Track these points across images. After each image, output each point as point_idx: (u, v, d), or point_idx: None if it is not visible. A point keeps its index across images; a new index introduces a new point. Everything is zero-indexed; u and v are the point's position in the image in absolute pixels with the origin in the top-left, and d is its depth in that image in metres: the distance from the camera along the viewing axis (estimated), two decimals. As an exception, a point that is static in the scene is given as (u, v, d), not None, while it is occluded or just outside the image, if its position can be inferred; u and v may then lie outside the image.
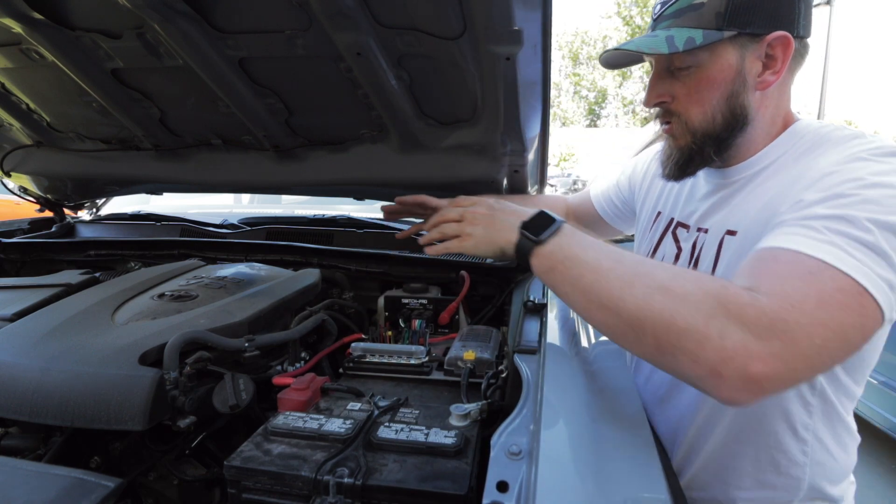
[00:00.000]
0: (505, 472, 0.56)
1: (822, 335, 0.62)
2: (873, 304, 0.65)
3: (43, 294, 1.19)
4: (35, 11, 1.08)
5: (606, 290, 0.70)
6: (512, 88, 1.08)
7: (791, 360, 0.62)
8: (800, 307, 0.63)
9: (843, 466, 0.90)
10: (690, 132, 0.89)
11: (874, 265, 0.65)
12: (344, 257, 1.51)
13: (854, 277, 0.64)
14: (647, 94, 0.92)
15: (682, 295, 0.66)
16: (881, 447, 3.13)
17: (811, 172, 0.77)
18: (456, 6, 0.95)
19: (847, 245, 0.67)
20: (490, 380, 0.90)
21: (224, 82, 1.23)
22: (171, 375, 0.82)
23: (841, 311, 0.64)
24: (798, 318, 0.62)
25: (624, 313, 0.68)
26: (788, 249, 0.69)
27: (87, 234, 1.97)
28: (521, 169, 1.36)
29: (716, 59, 0.84)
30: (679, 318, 0.64)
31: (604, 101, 35.33)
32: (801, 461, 0.86)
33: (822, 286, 0.65)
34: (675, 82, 0.88)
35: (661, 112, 0.93)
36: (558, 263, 0.75)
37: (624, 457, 0.63)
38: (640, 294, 0.67)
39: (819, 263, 0.66)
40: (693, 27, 0.82)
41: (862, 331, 0.65)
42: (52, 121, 1.54)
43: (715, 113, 0.86)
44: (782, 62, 0.83)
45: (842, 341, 0.64)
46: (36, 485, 0.68)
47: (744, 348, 0.61)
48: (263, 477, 0.69)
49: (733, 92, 0.85)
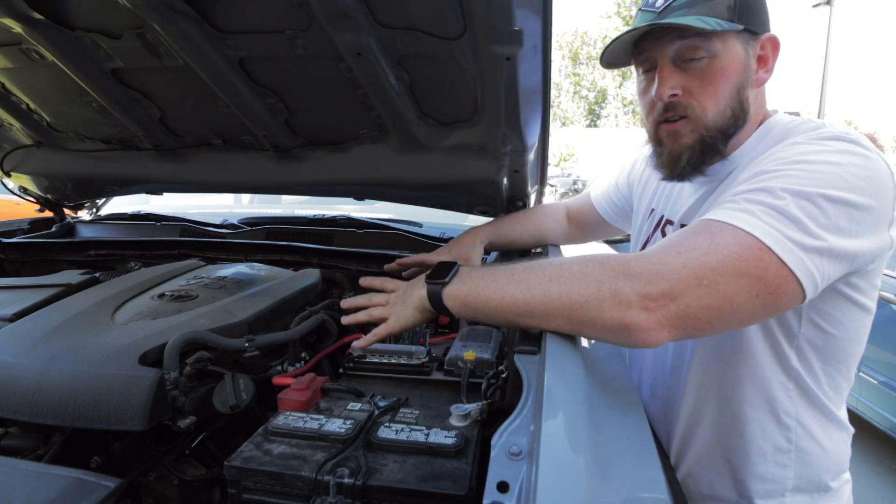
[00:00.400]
0: (505, 473, 0.56)
1: (709, 277, 0.67)
2: (777, 262, 0.67)
3: (43, 294, 1.19)
4: (35, 11, 1.08)
5: (512, 301, 0.77)
6: (512, 88, 1.08)
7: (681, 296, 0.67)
8: (686, 254, 0.69)
9: (833, 458, 0.90)
10: (704, 126, 0.88)
11: (784, 228, 0.68)
12: (344, 257, 1.51)
13: (755, 235, 0.67)
14: (660, 87, 0.89)
15: (570, 276, 0.73)
16: (881, 447, 3.13)
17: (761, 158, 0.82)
18: (456, 6, 0.95)
19: (757, 210, 0.70)
20: (490, 380, 0.90)
21: (224, 82, 1.23)
22: (171, 375, 0.82)
23: (735, 260, 0.67)
24: (683, 262, 0.68)
25: (535, 312, 0.75)
26: (699, 220, 0.74)
27: (87, 234, 1.97)
28: (521, 169, 1.36)
29: (728, 51, 0.85)
30: (575, 295, 0.72)
31: (604, 101, 35.35)
32: (785, 447, 0.88)
33: (717, 240, 0.69)
34: (686, 75, 0.87)
35: (664, 110, 0.90)
36: (466, 296, 0.82)
37: (624, 457, 0.62)
38: (538, 291, 0.75)
39: (722, 225, 0.70)
40: (710, 16, 0.82)
41: (763, 283, 0.67)
42: (52, 121, 1.54)
43: (726, 106, 0.87)
44: (773, 61, 0.88)
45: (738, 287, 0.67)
46: (36, 485, 0.68)
47: (636, 294, 0.68)
48: (263, 477, 0.69)
49: (741, 85, 0.87)
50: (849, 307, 0.83)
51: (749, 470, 0.89)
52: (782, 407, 0.87)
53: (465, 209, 1.63)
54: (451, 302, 0.83)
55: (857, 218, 0.70)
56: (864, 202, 0.70)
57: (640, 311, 0.68)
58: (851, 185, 0.70)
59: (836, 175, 0.71)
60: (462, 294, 0.83)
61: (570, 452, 0.58)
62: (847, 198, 0.70)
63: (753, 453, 0.89)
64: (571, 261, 0.76)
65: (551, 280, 0.74)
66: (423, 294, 0.86)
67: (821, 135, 0.78)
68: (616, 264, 0.71)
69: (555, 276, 0.74)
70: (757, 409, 0.88)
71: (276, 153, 1.50)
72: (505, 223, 1.40)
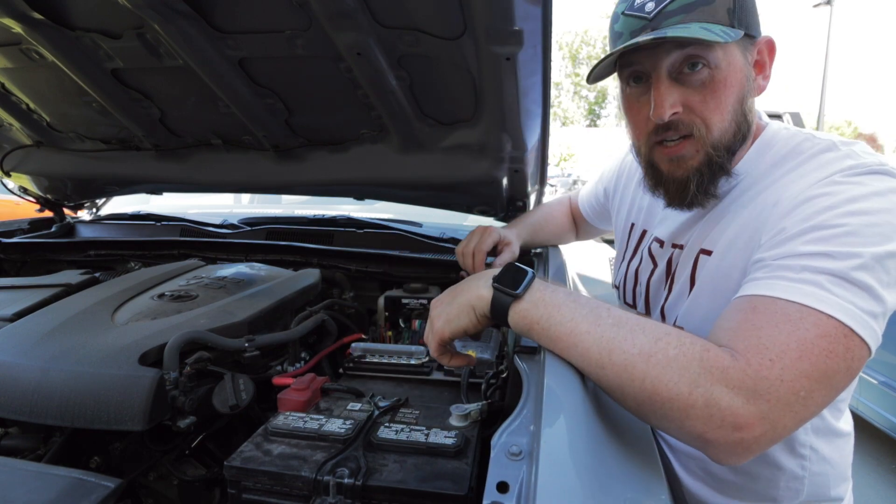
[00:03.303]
0: (505, 473, 0.56)
1: (806, 387, 0.61)
2: (859, 343, 0.63)
3: (43, 294, 1.19)
4: (35, 11, 1.08)
5: (585, 356, 0.67)
6: (512, 88, 1.08)
7: (778, 419, 0.60)
8: (780, 361, 0.61)
9: (841, 470, 0.90)
10: (711, 145, 0.80)
11: (857, 300, 0.63)
12: (344, 257, 1.51)
13: (838, 318, 0.62)
14: (659, 106, 0.78)
15: (663, 363, 0.62)
16: (881, 447, 3.13)
17: (787, 196, 0.74)
18: (456, 6, 0.95)
19: (828, 283, 0.64)
20: (490, 380, 0.90)
21: (224, 82, 1.23)
22: (171, 375, 0.82)
23: (826, 358, 0.62)
24: (780, 374, 0.60)
25: (604, 380, 0.66)
26: (766, 297, 0.66)
27: (87, 234, 1.97)
28: (521, 169, 1.36)
29: (729, 59, 0.77)
30: (662, 388, 0.62)
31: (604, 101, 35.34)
32: (799, 475, 0.86)
33: (802, 334, 0.62)
34: (685, 89, 0.78)
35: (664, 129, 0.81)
36: (534, 323, 0.70)
37: (624, 458, 0.62)
38: (619, 361, 0.64)
39: (799, 308, 0.63)
40: (710, 22, 0.74)
41: (848, 372, 0.63)
42: (52, 121, 1.54)
43: (731, 121, 0.80)
44: (770, 66, 0.81)
45: (828, 388, 0.62)
46: (36, 485, 0.68)
47: (731, 414, 0.60)
48: (263, 477, 0.69)
49: (744, 96, 0.80)
50: None
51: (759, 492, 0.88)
52: (798, 440, 0.85)
53: (465, 209, 1.63)
54: (517, 319, 0.71)
55: None
56: None
57: (731, 431, 0.60)
58: None
59: (893, 225, 0.67)
60: (531, 319, 0.71)
61: (570, 453, 0.58)
62: None
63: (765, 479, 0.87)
64: (669, 336, 0.65)
65: (640, 354, 0.63)
66: (487, 297, 0.73)
67: (856, 170, 0.72)
68: (715, 364, 0.61)
69: (645, 351, 0.64)
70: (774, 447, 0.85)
71: (276, 153, 1.50)
72: (536, 226, 1.38)
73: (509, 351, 0.90)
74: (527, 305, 0.71)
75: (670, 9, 0.75)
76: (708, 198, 0.84)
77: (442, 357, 0.80)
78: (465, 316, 0.75)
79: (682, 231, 0.91)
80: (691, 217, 0.89)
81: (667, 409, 0.62)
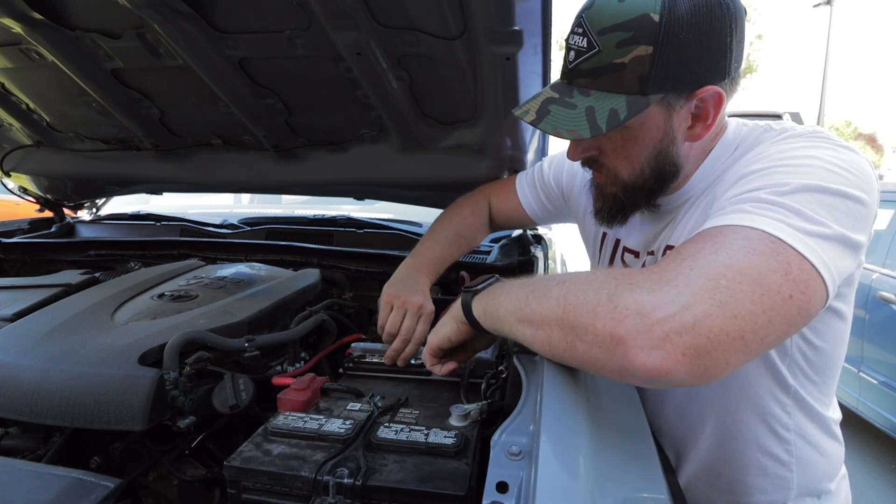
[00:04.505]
0: (505, 473, 0.56)
1: (727, 276, 0.55)
2: (795, 255, 0.57)
3: (43, 294, 1.19)
4: (35, 11, 1.08)
5: (516, 304, 0.71)
6: (512, 88, 1.08)
7: (694, 303, 0.54)
8: (692, 257, 0.59)
9: (832, 459, 0.90)
10: (620, 185, 0.84)
11: (787, 218, 0.60)
12: (344, 257, 1.51)
13: (763, 229, 0.59)
14: (571, 148, 0.84)
15: (575, 282, 0.65)
16: (881, 447, 3.13)
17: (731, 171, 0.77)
18: (456, 6, 0.95)
19: (752, 207, 0.62)
20: (490, 380, 0.90)
21: (224, 82, 1.23)
22: (170, 375, 0.82)
23: (748, 255, 0.57)
24: (690, 264, 0.58)
25: (533, 315, 0.68)
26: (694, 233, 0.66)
27: (87, 234, 1.97)
28: (520, 169, 1.36)
29: (641, 122, 0.77)
30: (571, 297, 0.63)
31: (604, 101, 35.30)
32: (786, 460, 0.86)
33: (721, 239, 0.60)
34: (602, 137, 0.79)
35: (589, 160, 0.86)
36: (486, 305, 0.77)
37: (624, 457, 0.62)
38: (540, 292, 0.68)
39: (720, 228, 0.62)
40: (614, 93, 0.74)
41: (788, 280, 0.56)
42: (52, 121, 1.54)
43: (643, 167, 0.81)
44: (714, 115, 0.77)
45: (761, 287, 0.55)
46: (36, 485, 0.68)
47: (635, 301, 0.56)
48: (263, 477, 0.69)
49: (661, 149, 0.80)
50: (832, 318, 0.81)
51: (750, 482, 0.88)
52: (780, 422, 0.85)
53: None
54: (476, 312, 0.79)
55: (855, 210, 0.64)
56: (858, 194, 0.64)
57: (638, 319, 0.55)
58: (842, 179, 0.64)
59: (824, 168, 0.65)
60: (483, 302, 0.78)
61: (570, 452, 0.58)
62: (843, 190, 0.63)
63: (753, 467, 0.87)
64: (585, 271, 0.70)
65: (557, 283, 0.67)
66: (458, 305, 0.83)
67: (792, 134, 0.74)
68: (620, 273, 0.63)
69: (562, 280, 0.68)
70: (753, 427, 0.86)
71: (276, 153, 1.51)
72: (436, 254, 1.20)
73: (509, 351, 0.90)
74: (482, 296, 0.79)
75: (582, 67, 0.75)
76: (613, 223, 0.90)
77: (434, 367, 0.88)
78: (446, 325, 0.85)
79: (653, 238, 0.92)
80: (660, 224, 0.91)
81: (579, 316, 0.61)
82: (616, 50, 0.71)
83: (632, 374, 0.58)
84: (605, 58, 0.72)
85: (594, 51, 0.73)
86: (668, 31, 0.69)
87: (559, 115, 0.77)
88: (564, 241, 2.46)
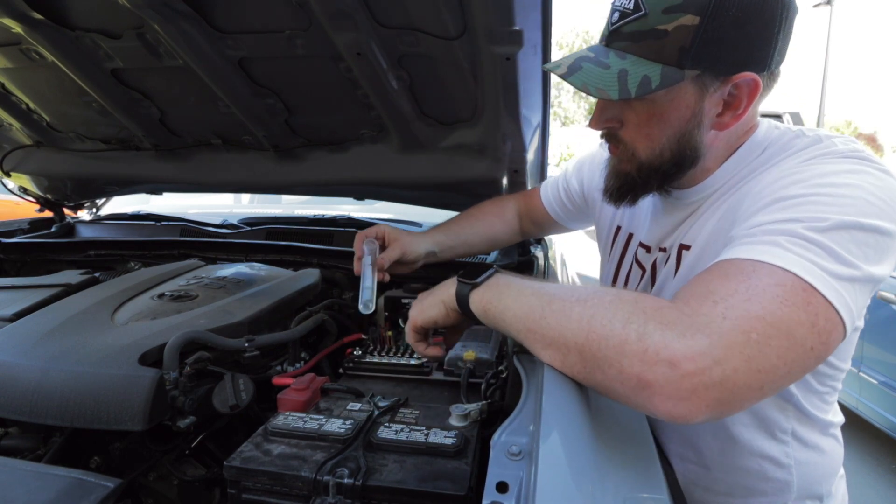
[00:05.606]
0: (505, 473, 0.56)
1: (759, 330, 0.55)
2: (823, 303, 0.57)
3: (43, 294, 1.19)
4: (35, 11, 1.08)
5: (528, 314, 0.69)
6: (512, 88, 1.08)
7: (724, 359, 0.54)
8: (725, 301, 0.57)
9: (832, 462, 0.89)
10: (636, 163, 0.82)
11: (820, 261, 0.59)
12: (344, 257, 1.51)
13: (795, 272, 0.58)
14: (594, 116, 0.82)
15: (598, 304, 0.63)
16: (881, 447, 3.13)
17: (763, 183, 0.73)
18: (456, 6, 0.95)
19: (788, 242, 0.61)
20: (490, 380, 0.90)
21: (224, 82, 1.23)
22: (170, 375, 0.82)
23: (781, 305, 0.56)
24: (722, 312, 0.56)
25: (547, 331, 0.66)
26: (721, 260, 0.64)
27: (87, 234, 1.97)
28: (521, 169, 1.36)
29: (671, 97, 0.75)
30: (596, 325, 0.61)
31: (604, 101, 35.31)
32: (784, 463, 0.86)
33: (753, 282, 0.58)
34: (628, 108, 0.79)
35: (609, 135, 0.85)
36: (488, 302, 0.75)
37: (624, 457, 0.62)
38: (557, 308, 0.66)
39: (753, 262, 0.60)
40: (651, 60, 0.72)
41: (814, 331, 0.57)
42: (52, 121, 1.54)
43: (663, 149, 0.79)
44: (746, 105, 0.75)
45: (789, 339, 0.56)
46: (36, 485, 0.68)
47: (665, 348, 0.55)
48: (263, 477, 0.69)
49: (686, 132, 0.77)
50: None
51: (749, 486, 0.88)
52: (779, 426, 0.84)
53: (465, 209, 1.63)
54: (475, 306, 0.77)
55: (883, 244, 0.64)
56: (889, 228, 0.64)
57: (668, 369, 0.55)
58: (878, 211, 0.63)
59: (863, 200, 0.64)
60: (486, 300, 0.75)
61: (570, 452, 0.58)
62: (876, 224, 0.63)
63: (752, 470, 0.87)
64: (605, 290, 0.66)
65: (577, 300, 0.64)
66: (452, 293, 0.80)
67: (832, 152, 0.71)
68: (650, 305, 0.60)
69: (582, 298, 0.65)
70: (752, 431, 0.85)
71: (276, 153, 1.51)
72: (453, 224, 1.27)
73: (509, 351, 0.90)
74: (483, 290, 0.76)
75: (624, 30, 0.74)
76: (621, 202, 0.88)
77: (417, 345, 0.87)
78: (434, 308, 0.82)
79: (666, 234, 0.91)
80: (675, 219, 0.89)
81: (604, 348, 0.60)
82: (662, 15, 0.70)
83: (650, 413, 0.59)
84: (649, 22, 0.71)
85: (640, 13, 0.71)
86: (719, 4, 0.68)
87: (590, 73, 0.75)
88: (564, 242, 2.46)
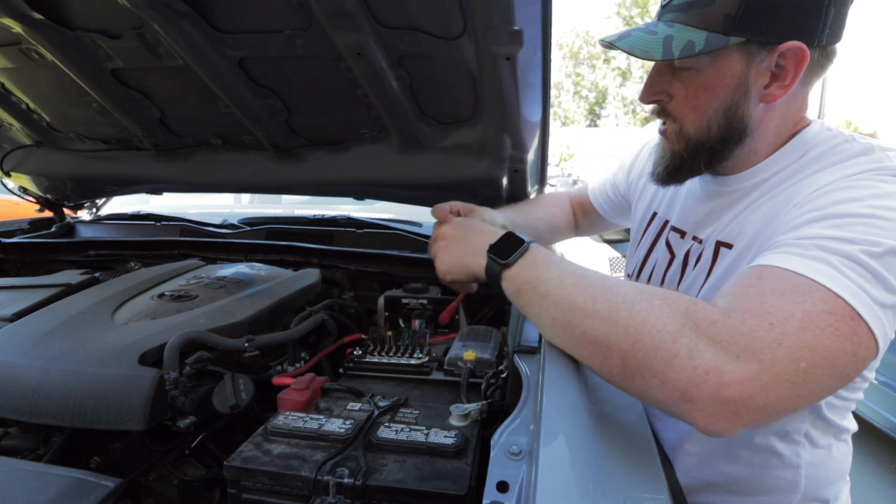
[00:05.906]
0: (505, 473, 0.56)
1: (808, 359, 0.57)
2: (866, 332, 0.59)
3: (43, 294, 1.19)
4: (35, 11, 1.08)
5: (570, 307, 0.67)
6: (512, 88, 1.08)
7: (772, 386, 0.56)
8: (781, 326, 0.58)
9: (839, 465, 0.89)
10: (684, 138, 0.84)
11: (870, 287, 0.60)
12: (344, 257, 1.51)
13: (846, 300, 0.59)
14: (644, 89, 0.85)
15: (647, 310, 0.61)
16: (881, 447, 3.13)
17: (810, 189, 0.73)
18: (456, 6, 0.95)
19: (841, 264, 0.61)
20: (490, 380, 0.90)
21: (224, 82, 1.23)
22: (171, 375, 0.82)
23: (832, 335, 0.58)
24: (778, 338, 0.57)
25: (589, 330, 0.64)
26: (776, 267, 0.64)
27: (87, 234, 1.97)
28: (521, 169, 1.36)
29: (717, 66, 0.77)
30: (645, 334, 0.60)
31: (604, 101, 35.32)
32: (794, 463, 0.85)
33: (809, 307, 0.59)
34: (676, 81, 0.81)
35: (659, 110, 0.87)
36: (524, 284, 0.72)
37: (624, 457, 0.62)
38: (603, 309, 0.64)
39: (808, 282, 0.61)
40: (697, 27, 0.74)
41: (854, 360, 0.60)
42: (52, 121, 1.54)
43: (710, 122, 0.80)
44: (794, 76, 0.74)
45: (831, 370, 0.58)
46: (36, 485, 0.68)
47: (716, 369, 0.56)
48: (263, 477, 0.69)
49: (732, 103, 0.78)
50: None
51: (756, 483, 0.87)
52: (792, 425, 0.84)
53: (465, 209, 1.63)
54: (507, 285, 0.74)
55: None
56: None
57: (716, 389, 0.56)
58: None
59: None
60: (521, 280, 0.72)
61: (570, 452, 0.58)
62: None
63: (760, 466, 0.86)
64: (653, 292, 0.64)
65: (624, 304, 0.63)
66: (482, 265, 0.77)
67: (887, 171, 0.70)
68: (702, 318, 0.60)
69: (629, 301, 0.63)
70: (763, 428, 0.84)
71: (276, 153, 1.50)
72: (522, 206, 1.31)
73: (509, 351, 0.90)
74: (518, 269, 0.74)
75: (675, 2, 0.77)
76: (671, 182, 0.90)
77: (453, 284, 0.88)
78: (462, 273, 0.83)
79: (704, 223, 0.91)
80: (715, 209, 0.89)
81: (650, 358, 0.59)
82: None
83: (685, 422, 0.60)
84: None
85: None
86: None
87: (637, 38, 0.78)
88: (565, 242, 2.45)
